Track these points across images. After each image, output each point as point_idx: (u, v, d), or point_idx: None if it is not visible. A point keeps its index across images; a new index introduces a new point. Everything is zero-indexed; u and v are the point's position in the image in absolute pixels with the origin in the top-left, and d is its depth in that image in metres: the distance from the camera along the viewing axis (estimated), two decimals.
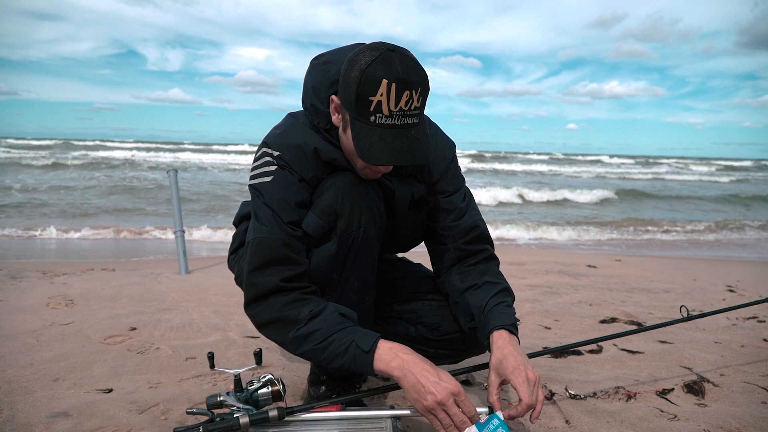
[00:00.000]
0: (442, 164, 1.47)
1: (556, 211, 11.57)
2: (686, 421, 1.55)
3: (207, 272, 3.95)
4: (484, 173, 24.11)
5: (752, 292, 3.48)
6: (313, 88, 1.33)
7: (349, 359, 1.19)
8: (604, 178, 23.96)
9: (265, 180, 1.30)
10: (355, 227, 1.29)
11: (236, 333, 2.36)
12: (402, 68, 1.14)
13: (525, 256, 5.10)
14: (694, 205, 13.50)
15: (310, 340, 1.21)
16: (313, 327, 1.21)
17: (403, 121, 1.17)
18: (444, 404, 1.14)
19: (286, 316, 1.23)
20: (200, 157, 28.05)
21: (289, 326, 1.23)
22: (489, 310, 1.37)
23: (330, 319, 1.22)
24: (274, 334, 1.27)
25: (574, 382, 1.84)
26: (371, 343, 1.18)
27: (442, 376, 1.16)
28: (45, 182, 12.31)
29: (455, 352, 1.56)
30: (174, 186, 4.09)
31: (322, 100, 1.31)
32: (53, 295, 2.95)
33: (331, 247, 1.30)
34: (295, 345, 1.24)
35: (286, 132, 1.34)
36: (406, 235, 1.50)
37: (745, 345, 2.30)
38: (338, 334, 1.20)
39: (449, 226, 1.47)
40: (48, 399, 1.63)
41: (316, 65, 1.35)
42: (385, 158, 1.16)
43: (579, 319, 2.73)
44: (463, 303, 1.44)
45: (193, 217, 8.12)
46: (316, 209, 1.29)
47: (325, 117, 1.31)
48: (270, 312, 1.24)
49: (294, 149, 1.30)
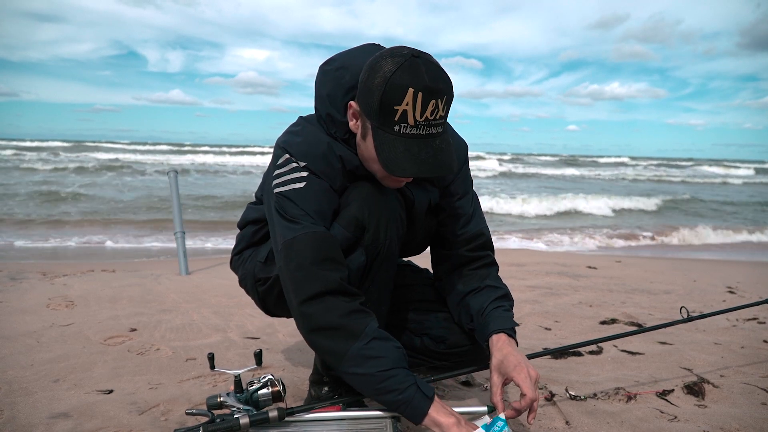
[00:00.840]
0: (458, 162, 1.46)
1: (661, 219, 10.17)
2: (686, 422, 1.55)
3: (207, 273, 3.95)
4: (510, 177, 22.26)
5: (752, 294, 3.48)
6: (328, 96, 1.28)
7: (405, 399, 1.16)
8: (644, 180, 22.60)
9: (297, 186, 1.23)
10: (382, 239, 1.28)
11: (236, 334, 2.37)
12: (428, 76, 1.10)
13: (525, 257, 5.10)
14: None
15: (370, 364, 1.16)
16: (378, 352, 1.16)
17: (428, 131, 1.13)
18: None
19: (350, 326, 1.16)
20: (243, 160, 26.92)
21: (353, 339, 1.16)
22: (488, 313, 1.38)
23: (396, 353, 1.19)
24: (331, 343, 1.18)
25: (574, 383, 1.84)
26: (432, 392, 1.18)
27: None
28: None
29: (459, 365, 1.54)
30: (174, 187, 4.09)
31: (338, 109, 1.27)
32: (53, 296, 2.96)
33: (359, 258, 1.28)
34: (352, 362, 1.17)
35: (308, 139, 1.29)
36: (418, 241, 1.50)
37: (745, 346, 2.30)
38: (401, 370, 1.17)
39: (457, 233, 1.47)
40: (48, 400, 1.63)
41: (328, 72, 1.31)
42: (411, 170, 1.13)
43: (579, 320, 2.73)
44: (465, 306, 1.45)
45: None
46: (342, 221, 1.27)
47: (343, 126, 1.27)
48: (331, 316, 1.17)
49: (321, 158, 1.26)
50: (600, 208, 11.51)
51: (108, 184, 12.80)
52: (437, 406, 1.18)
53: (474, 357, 1.51)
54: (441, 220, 1.49)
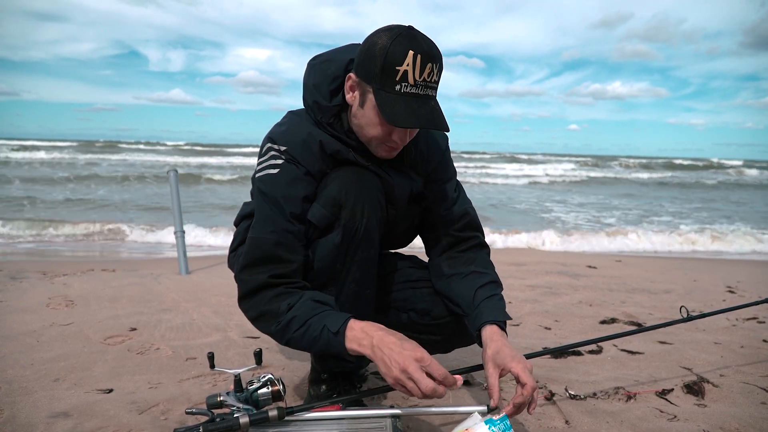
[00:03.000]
0: (437, 153, 1.54)
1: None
2: (686, 421, 1.55)
3: (207, 272, 3.95)
4: (603, 183, 19.61)
5: (752, 293, 3.48)
6: (314, 86, 1.38)
7: (323, 343, 1.23)
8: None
9: (271, 172, 1.34)
10: (358, 218, 1.33)
11: (236, 333, 2.37)
12: (425, 44, 1.22)
13: (525, 256, 5.10)
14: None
15: (289, 328, 1.27)
16: (290, 316, 1.26)
17: (425, 92, 1.24)
18: (407, 371, 1.13)
19: (270, 310, 1.29)
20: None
21: (273, 319, 1.29)
22: (481, 302, 1.40)
23: (305, 306, 1.27)
24: (263, 327, 1.33)
25: (574, 382, 1.84)
26: (340, 325, 1.22)
27: (405, 345, 1.18)
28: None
29: (447, 338, 1.57)
30: (174, 186, 4.09)
31: (324, 96, 1.37)
32: (53, 296, 2.96)
33: (335, 237, 1.33)
34: (279, 335, 1.30)
35: (291, 128, 1.39)
36: (402, 230, 1.54)
37: (744, 346, 2.31)
38: (312, 319, 1.25)
39: (442, 215, 1.53)
40: (48, 399, 1.63)
41: (314, 65, 1.41)
42: (412, 122, 1.22)
43: (579, 320, 2.73)
44: (448, 289, 1.49)
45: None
46: (321, 200, 1.33)
47: (329, 111, 1.37)
48: (258, 307, 1.31)
49: (300, 144, 1.35)
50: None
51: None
52: (353, 336, 1.21)
53: (462, 329, 1.52)
54: (426, 206, 1.54)
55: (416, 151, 1.49)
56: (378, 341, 1.19)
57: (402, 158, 1.45)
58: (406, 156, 1.46)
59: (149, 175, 15.42)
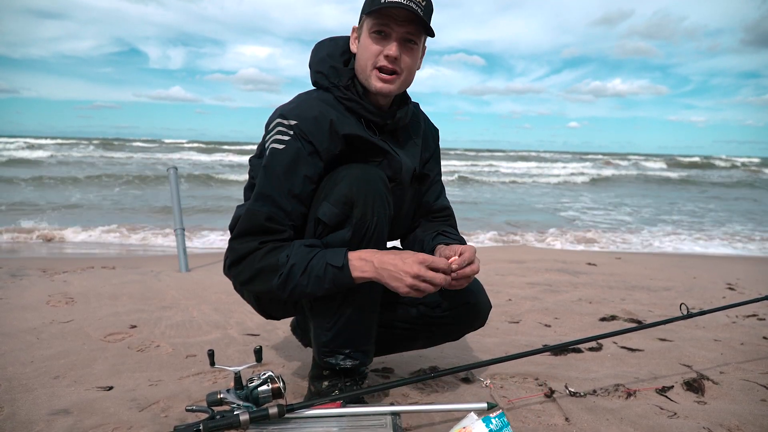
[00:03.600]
0: (433, 143, 1.68)
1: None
2: (686, 418, 1.55)
3: (207, 270, 3.95)
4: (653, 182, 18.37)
5: (752, 290, 3.48)
6: (328, 55, 1.48)
7: (330, 280, 1.27)
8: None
9: (277, 147, 1.36)
10: (370, 216, 1.34)
11: (236, 331, 2.37)
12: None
13: (525, 254, 5.10)
14: None
15: (292, 276, 1.28)
16: (290, 264, 1.28)
17: (409, 4, 1.32)
18: (419, 275, 1.24)
19: (267, 265, 1.30)
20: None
21: (273, 273, 1.29)
22: (436, 236, 1.58)
23: (300, 251, 1.29)
24: (261, 285, 1.32)
25: (573, 379, 1.84)
26: (342, 258, 1.27)
27: (404, 255, 1.27)
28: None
29: (457, 326, 1.60)
30: (174, 184, 4.09)
31: (338, 62, 1.47)
32: (53, 293, 2.96)
33: (345, 234, 1.34)
34: (282, 288, 1.30)
35: (301, 104, 1.41)
36: (405, 212, 1.60)
37: (744, 343, 2.31)
38: (312, 261, 1.28)
39: (429, 203, 1.66)
40: (48, 396, 1.63)
41: (323, 42, 1.52)
42: (394, 5, 1.30)
43: (579, 317, 2.73)
44: (418, 241, 1.62)
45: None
46: (331, 198, 1.34)
47: (346, 74, 1.45)
48: (252, 267, 1.32)
49: (311, 120, 1.37)
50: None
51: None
52: (355, 266, 1.28)
53: (473, 317, 1.59)
54: (421, 189, 1.65)
55: (422, 131, 1.62)
56: (379, 262, 1.27)
57: (409, 132, 1.57)
58: (413, 129, 1.59)
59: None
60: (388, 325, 1.59)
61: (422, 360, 2.00)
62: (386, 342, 1.61)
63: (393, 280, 1.26)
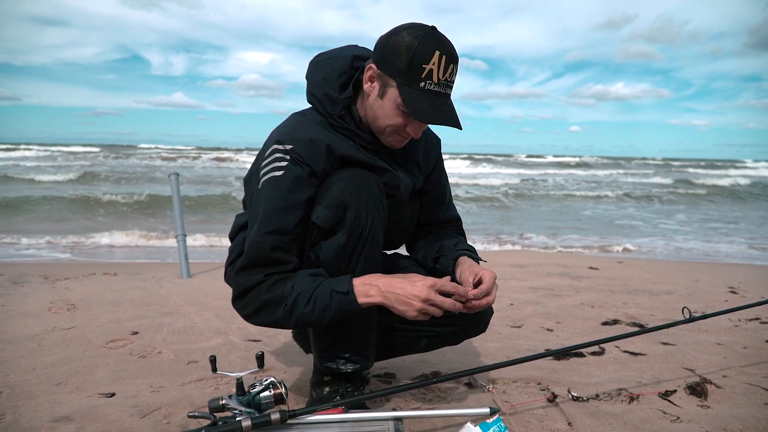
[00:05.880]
0: (435, 153, 1.66)
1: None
2: (689, 422, 1.55)
3: (209, 276, 3.95)
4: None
5: (754, 294, 3.48)
6: (324, 80, 1.43)
7: (336, 308, 1.27)
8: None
9: (276, 174, 1.35)
10: (364, 219, 1.35)
11: (238, 336, 2.37)
12: (449, 45, 1.31)
13: (526, 258, 5.09)
14: None
15: (297, 307, 1.28)
16: (295, 294, 1.28)
17: (446, 91, 1.33)
18: (428, 299, 1.25)
19: (272, 297, 1.30)
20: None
21: (278, 304, 1.29)
22: (451, 249, 1.57)
23: (304, 281, 1.29)
24: (266, 318, 1.32)
25: (576, 384, 1.83)
26: (347, 284, 1.27)
27: (412, 278, 1.29)
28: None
29: (460, 329, 1.59)
30: (175, 190, 4.09)
31: (334, 89, 1.42)
32: (55, 300, 2.96)
33: (340, 238, 1.35)
34: (287, 318, 1.30)
35: (296, 128, 1.40)
36: (404, 227, 1.60)
37: (747, 346, 2.30)
38: (317, 290, 1.28)
39: (438, 215, 1.67)
40: (50, 403, 1.63)
41: (320, 61, 1.46)
42: (436, 118, 1.31)
43: (581, 321, 2.73)
44: (426, 250, 1.63)
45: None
46: (325, 202, 1.34)
47: (340, 103, 1.41)
48: (258, 298, 1.31)
49: (307, 143, 1.36)
50: None
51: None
52: (360, 291, 1.28)
53: (476, 320, 1.58)
54: (423, 203, 1.65)
55: (422, 148, 1.60)
56: (385, 285, 1.27)
57: (406, 153, 1.54)
58: (410, 151, 1.56)
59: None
60: (389, 329, 1.58)
61: (424, 365, 2.00)
62: (387, 346, 1.61)
63: (401, 305, 1.26)
